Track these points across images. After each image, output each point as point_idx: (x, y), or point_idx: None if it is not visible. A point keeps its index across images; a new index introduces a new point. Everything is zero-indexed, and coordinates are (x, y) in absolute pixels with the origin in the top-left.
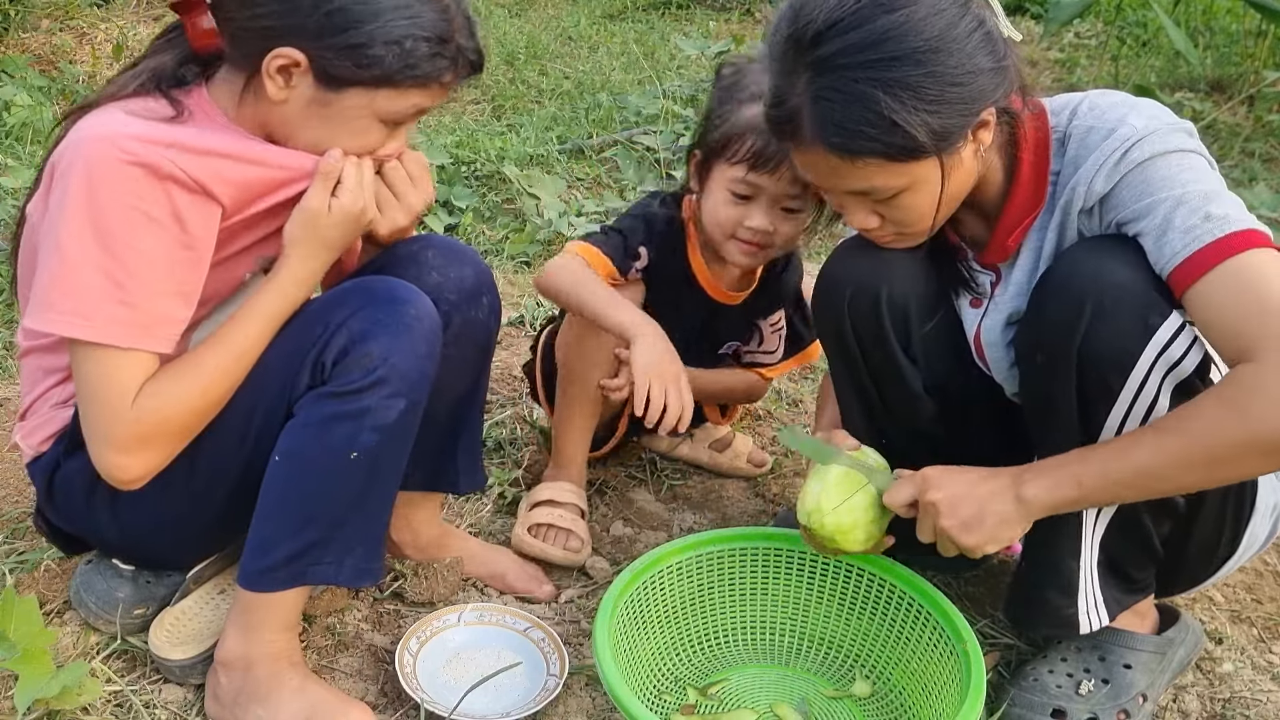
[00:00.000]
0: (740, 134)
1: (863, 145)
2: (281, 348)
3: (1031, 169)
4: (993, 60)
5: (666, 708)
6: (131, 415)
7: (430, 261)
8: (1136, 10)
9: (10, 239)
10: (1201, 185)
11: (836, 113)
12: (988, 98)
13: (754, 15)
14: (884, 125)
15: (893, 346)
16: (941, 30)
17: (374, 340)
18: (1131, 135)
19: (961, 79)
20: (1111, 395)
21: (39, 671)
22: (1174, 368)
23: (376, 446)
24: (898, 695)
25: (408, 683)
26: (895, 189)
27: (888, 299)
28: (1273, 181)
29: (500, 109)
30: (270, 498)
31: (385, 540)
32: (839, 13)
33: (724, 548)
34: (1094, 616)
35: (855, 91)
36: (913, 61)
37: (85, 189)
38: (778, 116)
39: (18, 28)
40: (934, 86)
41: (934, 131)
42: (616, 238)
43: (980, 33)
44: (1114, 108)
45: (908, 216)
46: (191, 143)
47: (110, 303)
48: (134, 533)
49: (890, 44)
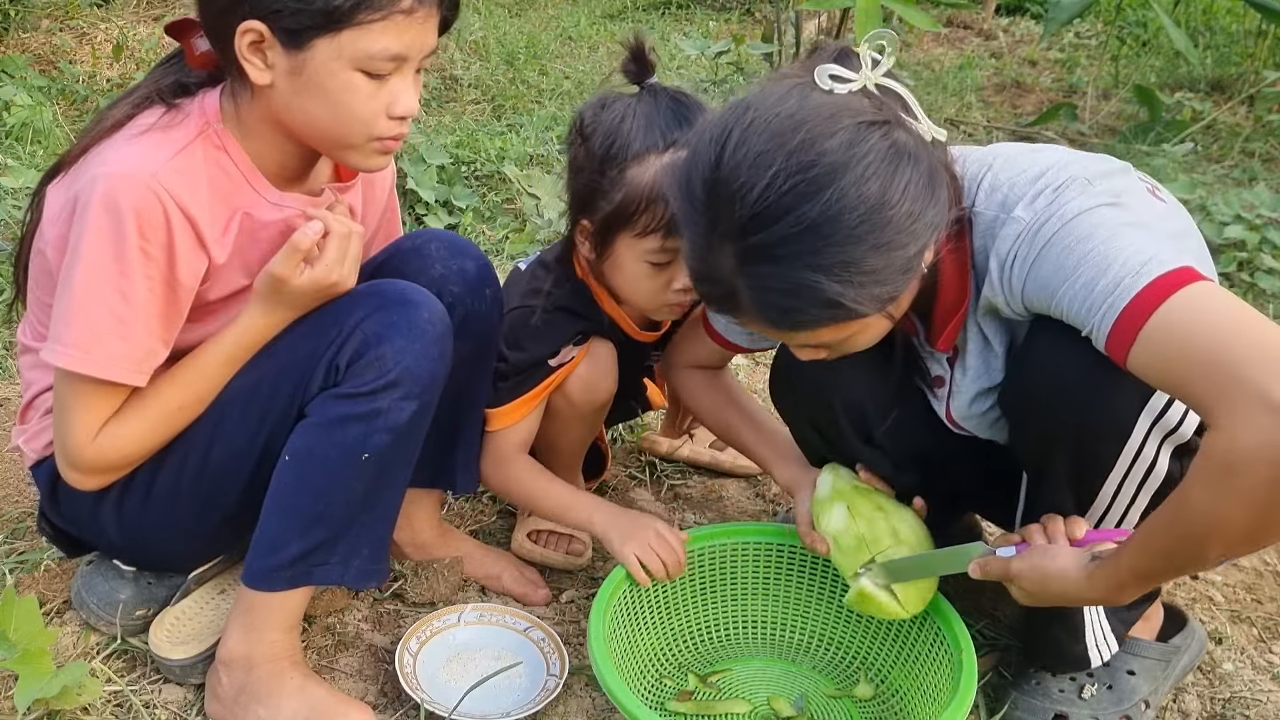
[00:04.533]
0: (645, 204)
1: (809, 321)
2: (295, 351)
3: (953, 271)
4: (930, 195)
5: (666, 692)
6: (92, 450)
7: (434, 254)
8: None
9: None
10: (1096, 254)
11: (776, 300)
12: (930, 234)
13: (754, 15)
14: (830, 305)
15: (854, 443)
16: (875, 196)
17: (388, 343)
18: (1019, 233)
19: (903, 241)
20: (1107, 466)
21: (39, 671)
22: (1171, 433)
23: (388, 448)
24: (898, 699)
25: (408, 683)
26: (844, 337)
27: (842, 405)
28: (1273, 181)
29: (500, 109)
30: (278, 497)
31: (390, 541)
32: (763, 203)
33: (718, 543)
34: (1104, 648)
35: (795, 279)
36: (851, 240)
37: (99, 229)
38: (711, 293)
39: (18, 28)
40: (876, 257)
41: (878, 298)
42: (521, 376)
43: (915, 175)
44: (1006, 184)
45: (855, 347)
46: (200, 188)
47: (112, 338)
48: (141, 536)
49: (825, 228)
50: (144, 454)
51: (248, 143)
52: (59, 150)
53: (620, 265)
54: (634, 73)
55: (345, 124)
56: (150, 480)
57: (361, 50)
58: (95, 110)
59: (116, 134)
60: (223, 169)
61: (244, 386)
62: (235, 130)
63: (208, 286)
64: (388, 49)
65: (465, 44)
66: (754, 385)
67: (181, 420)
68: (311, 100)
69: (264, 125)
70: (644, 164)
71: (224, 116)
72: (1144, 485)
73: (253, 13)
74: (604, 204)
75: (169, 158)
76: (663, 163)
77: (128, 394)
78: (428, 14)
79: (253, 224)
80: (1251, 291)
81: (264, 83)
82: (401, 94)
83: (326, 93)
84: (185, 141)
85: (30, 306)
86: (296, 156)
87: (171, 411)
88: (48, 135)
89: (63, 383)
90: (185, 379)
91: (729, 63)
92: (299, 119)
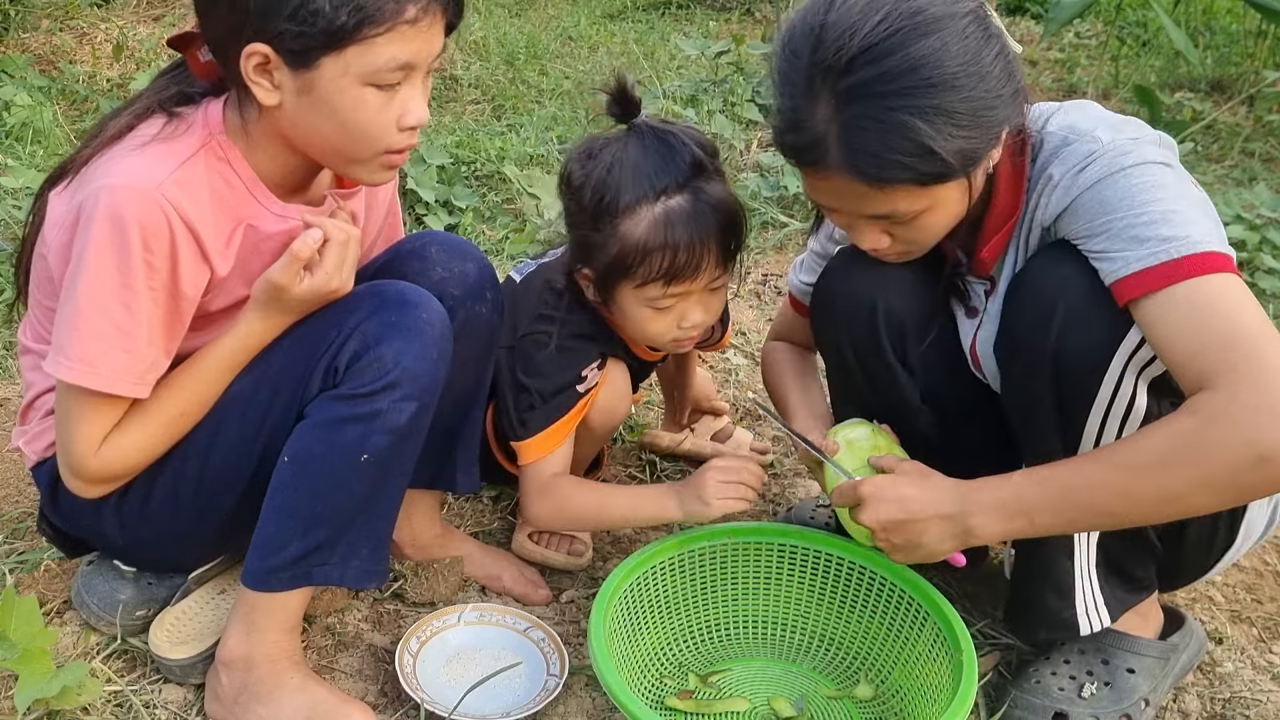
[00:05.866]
0: (641, 256)
1: (896, 174)
2: (294, 353)
3: (1008, 180)
4: (1011, 83)
5: (666, 691)
6: (96, 460)
7: (434, 257)
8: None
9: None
10: (1162, 204)
11: (872, 142)
12: (1007, 120)
13: (754, 15)
14: (921, 153)
15: (890, 358)
16: (973, 52)
17: (386, 344)
18: (1094, 150)
19: (991, 102)
20: (1089, 396)
21: (39, 671)
22: (1146, 365)
23: (387, 449)
24: (899, 700)
25: (408, 683)
26: (916, 211)
27: (884, 312)
28: (1273, 181)
29: (500, 109)
30: (278, 498)
31: (390, 542)
32: (872, 38)
33: (718, 543)
34: (1094, 617)
35: (892, 120)
36: (950, 88)
37: (103, 241)
38: (797, 143)
39: (18, 28)
40: (968, 111)
41: (965, 155)
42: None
43: (1001, 57)
44: (1087, 120)
45: (921, 236)
46: (204, 201)
47: (116, 351)
48: (141, 537)
49: (927, 70)
50: (147, 461)
51: (252, 155)
52: (59, 150)
53: (625, 310)
54: (619, 114)
55: (356, 140)
56: (150, 483)
57: (369, 65)
58: (95, 110)
59: (119, 144)
60: (226, 181)
61: (243, 389)
62: (240, 142)
63: (210, 298)
64: (395, 59)
65: (465, 44)
66: (754, 384)
67: (183, 426)
68: (321, 118)
69: (270, 140)
70: (636, 216)
71: (228, 128)
72: (1125, 424)
73: (257, 36)
74: (601, 256)
75: (173, 170)
76: (655, 213)
77: (130, 404)
78: (432, 20)
79: (256, 235)
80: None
81: (272, 103)
82: (412, 104)
83: (336, 110)
84: (189, 153)
85: (31, 308)
86: (301, 169)
87: (173, 418)
88: (48, 135)
89: (66, 395)
90: (185, 385)
91: (729, 63)
92: (308, 137)
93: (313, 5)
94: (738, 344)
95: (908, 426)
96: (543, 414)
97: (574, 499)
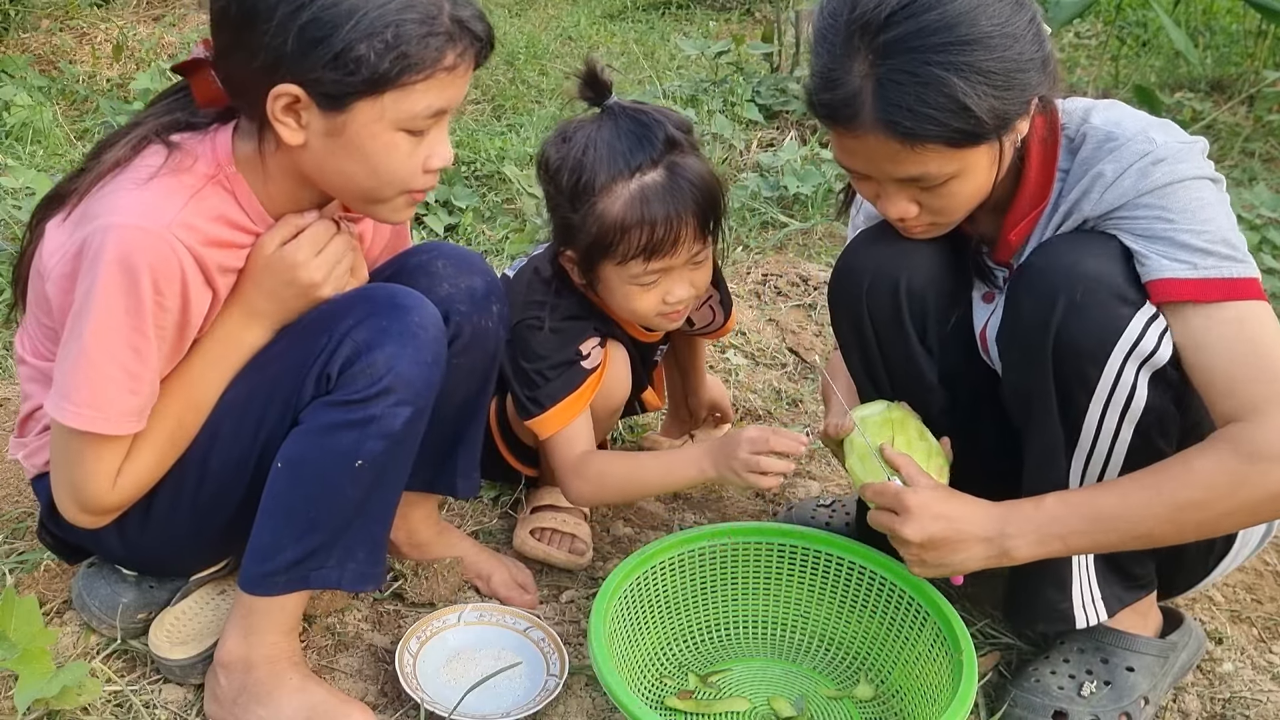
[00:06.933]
0: (620, 234)
1: (929, 130)
2: (286, 359)
3: (1039, 163)
4: (1042, 50)
5: (666, 691)
6: (114, 496)
7: (441, 272)
8: (1136, 10)
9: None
10: (1218, 222)
11: (907, 96)
12: (1036, 87)
13: (754, 15)
14: (954, 109)
15: (910, 335)
16: (1008, 14)
17: (379, 349)
18: (1155, 153)
19: (1024, 65)
20: (1089, 387)
21: (39, 671)
22: (1148, 359)
23: (382, 454)
24: (899, 700)
25: (408, 683)
26: (946, 175)
27: (907, 288)
28: (1273, 181)
29: (500, 109)
30: (273, 503)
31: (387, 544)
32: None
33: (718, 543)
34: (1090, 611)
35: (928, 75)
36: (985, 46)
37: (111, 285)
38: (831, 100)
39: (18, 28)
40: (1001, 71)
41: (998, 115)
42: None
43: (1033, 24)
44: (1133, 119)
45: (948, 204)
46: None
47: (124, 394)
48: (143, 546)
49: (963, 27)
50: (157, 478)
51: (264, 187)
52: (59, 150)
53: (610, 288)
54: (592, 97)
55: (384, 182)
56: (150, 495)
57: (405, 111)
58: (95, 110)
59: (121, 175)
60: (232, 215)
61: (237, 398)
62: (251, 174)
63: (207, 318)
64: (430, 106)
65: None
66: (754, 384)
67: (184, 435)
68: (349, 160)
69: (287, 176)
70: (612, 194)
71: (238, 160)
72: (1125, 416)
73: (289, 77)
74: (582, 236)
75: (181, 206)
76: (630, 190)
77: (131, 437)
78: (467, 67)
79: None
80: None
81: (297, 143)
82: (439, 146)
83: (367, 155)
84: (197, 187)
85: (28, 321)
86: (311, 201)
87: (173, 430)
88: (48, 135)
89: (73, 439)
90: (178, 392)
91: (729, 63)
92: (332, 176)
93: (355, 52)
94: (738, 344)
95: (922, 406)
96: (552, 390)
97: (610, 470)
